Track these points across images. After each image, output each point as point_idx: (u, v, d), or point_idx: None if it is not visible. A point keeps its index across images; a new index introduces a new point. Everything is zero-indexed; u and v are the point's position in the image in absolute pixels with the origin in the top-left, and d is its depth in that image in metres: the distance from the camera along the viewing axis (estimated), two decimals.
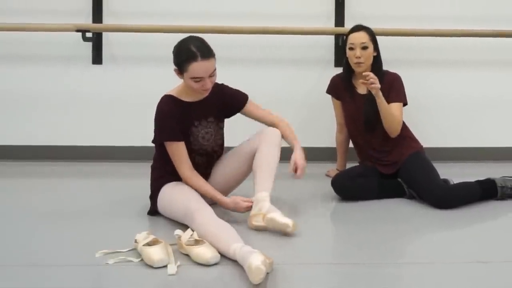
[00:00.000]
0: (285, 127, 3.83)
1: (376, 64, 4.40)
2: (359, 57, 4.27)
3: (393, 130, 4.22)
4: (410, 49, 5.45)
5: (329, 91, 4.69)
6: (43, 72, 5.38)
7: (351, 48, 4.34)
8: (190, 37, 3.58)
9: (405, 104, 4.36)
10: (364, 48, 4.29)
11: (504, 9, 5.45)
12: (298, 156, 3.68)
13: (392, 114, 4.19)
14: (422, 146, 4.36)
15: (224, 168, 3.87)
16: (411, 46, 5.43)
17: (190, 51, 3.43)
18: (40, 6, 5.31)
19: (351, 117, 4.47)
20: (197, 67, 3.42)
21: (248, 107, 3.87)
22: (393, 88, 4.31)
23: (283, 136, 3.81)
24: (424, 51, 5.48)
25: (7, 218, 3.65)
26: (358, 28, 4.43)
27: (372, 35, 4.38)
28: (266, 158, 3.71)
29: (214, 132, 3.77)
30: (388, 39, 4.90)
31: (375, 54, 4.38)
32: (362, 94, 4.38)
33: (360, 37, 4.33)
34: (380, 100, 4.12)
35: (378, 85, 4.06)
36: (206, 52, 3.46)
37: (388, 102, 4.23)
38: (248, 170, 3.79)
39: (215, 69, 3.51)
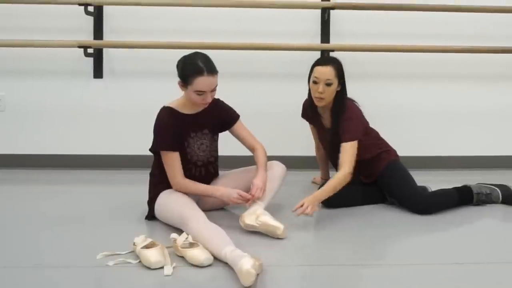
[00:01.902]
0: (261, 152, 3.83)
1: (340, 98, 4.07)
2: (322, 93, 3.95)
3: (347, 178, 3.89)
4: (389, 64, 5.46)
5: (303, 115, 4.54)
6: (47, 86, 5.39)
7: (314, 82, 3.99)
8: (196, 53, 3.58)
9: (359, 139, 3.99)
10: (328, 84, 3.94)
11: (476, 27, 5.48)
12: (257, 179, 3.64)
13: (336, 184, 3.79)
14: (396, 153, 4.27)
15: (227, 183, 3.90)
16: (390, 61, 5.44)
17: (197, 66, 3.44)
18: (45, 24, 5.33)
19: (322, 141, 4.40)
20: (202, 81, 3.44)
21: (237, 125, 3.89)
22: (346, 125, 3.96)
23: (254, 159, 3.84)
24: (402, 65, 5.49)
25: (15, 222, 3.65)
26: (326, 62, 4.05)
27: (339, 69, 4.02)
28: (270, 179, 3.78)
29: (209, 143, 3.79)
30: (369, 54, 4.93)
31: (339, 89, 4.05)
32: (327, 128, 4.21)
33: (325, 73, 3.94)
34: (323, 197, 3.79)
35: (311, 213, 3.64)
36: (212, 68, 3.48)
37: (342, 140, 3.94)
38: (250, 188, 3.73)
39: (216, 85, 3.53)
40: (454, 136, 5.60)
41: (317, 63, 4.07)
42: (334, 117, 4.06)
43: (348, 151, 3.88)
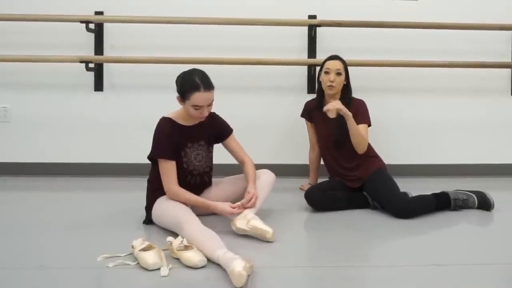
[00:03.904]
0: (250, 167, 3.84)
1: (346, 91, 4.46)
2: (333, 81, 4.34)
3: (361, 148, 4.27)
4: (372, 78, 5.51)
5: (303, 114, 4.73)
6: (51, 98, 5.41)
7: (326, 73, 4.40)
8: (194, 69, 3.59)
9: (369, 125, 4.40)
10: (338, 74, 4.37)
11: (457, 43, 5.52)
12: (252, 189, 3.68)
13: (361, 134, 4.22)
14: (384, 163, 4.39)
15: (220, 190, 3.95)
16: (373, 75, 5.50)
17: (194, 82, 3.46)
18: (49, 40, 5.34)
19: (322, 137, 4.50)
20: (199, 96, 3.45)
21: (230, 139, 3.91)
22: (359, 112, 4.32)
23: (244, 172, 3.88)
24: (387, 79, 5.54)
25: (20, 226, 3.64)
26: (334, 57, 4.49)
27: (345, 65, 4.45)
28: (261, 186, 3.80)
29: (205, 154, 3.79)
30: (356, 69, 4.94)
31: (345, 82, 4.43)
32: (332, 118, 4.39)
33: (335, 64, 4.40)
34: (351, 122, 4.17)
35: (349, 112, 4.16)
36: (208, 84, 3.49)
37: (357, 123, 4.29)
38: (241, 195, 3.84)
39: (213, 100, 3.54)
40: (433, 146, 5.63)
41: (328, 58, 4.51)
42: None
43: (364, 132, 4.30)
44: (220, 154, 4.04)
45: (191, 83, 3.47)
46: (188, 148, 3.70)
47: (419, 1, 5.52)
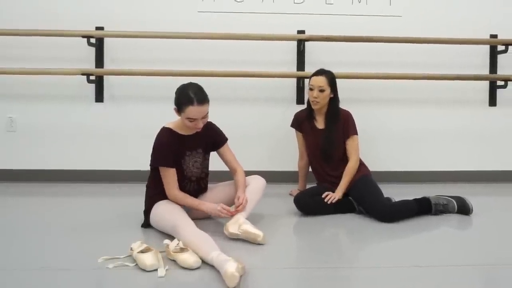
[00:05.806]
0: (241, 175, 3.84)
1: (333, 103, 4.44)
2: (316, 98, 4.35)
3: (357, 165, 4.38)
4: (360, 89, 5.53)
5: (293, 125, 4.71)
6: (54, 109, 5.41)
7: (311, 89, 4.39)
8: (190, 83, 3.60)
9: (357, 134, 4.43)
10: (321, 90, 4.35)
11: (438, 57, 5.56)
12: (241, 194, 3.70)
13: (352, 173, 4.32)
14: (369, 170, 4.40)
15: (214, 195, 3.95)
16: (361, 87, 5.52)
17: (188, 96, 3.47)
18: (53, 54, 5.35)
19: (311, 147, 4.51)
20: (192, 110, 3.47)
21: (224, 148, 3.91)
22: (349, 124, 4.38)
23: (235, 180, 3.88)
24: (373, 91, 5.56)
25: (23, 230, 3.64)
26: (319, 72, 4.45)
27: (330, 79, 4.41)
28: (252, 191, 3.80)
29: (202, 161, 3.81)
30: (342, 81, 4.95)
31: (332, 95, 4.42)
32: (320, 129, 4.42)
33: (319, 81, 4.37)
34: (346, 187, 4.30)
35: (339, 196, 4.22)
36: (202, 99, 3.50)
37: (348, 135, 4.36)
38: (232, 199, 3.85)
39: (207, 112, 3.56)
40: (415, 154, 5.65)
41: (313, 74, 4.49)
42: (327, 119, 4.43)
43: (354, 142, 4.40)
44: (216, 162, 4.05)
45: (186, 97, 3.48)
46: (187, 156, 3.72)
47: (402, 17, 5.56)
